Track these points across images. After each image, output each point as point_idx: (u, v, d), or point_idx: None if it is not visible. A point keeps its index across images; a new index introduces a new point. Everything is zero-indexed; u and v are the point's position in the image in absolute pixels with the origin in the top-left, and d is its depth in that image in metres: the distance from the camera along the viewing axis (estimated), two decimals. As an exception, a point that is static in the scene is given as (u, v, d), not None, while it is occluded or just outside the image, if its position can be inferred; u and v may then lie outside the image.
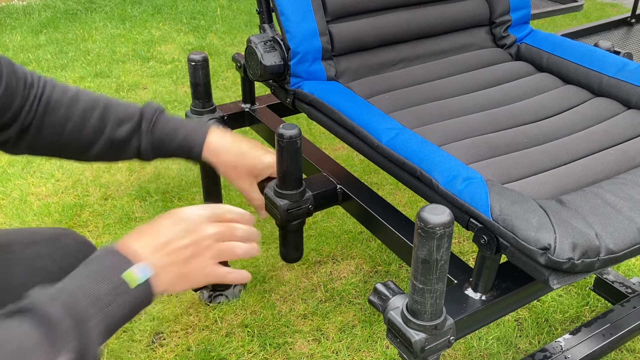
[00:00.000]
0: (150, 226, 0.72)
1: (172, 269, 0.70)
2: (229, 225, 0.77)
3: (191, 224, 0.73)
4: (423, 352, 0.72)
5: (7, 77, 0.87)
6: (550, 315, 1.53)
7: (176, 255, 0.70)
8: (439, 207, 0.65)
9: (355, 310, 1.54)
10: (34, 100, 0.92)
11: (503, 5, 1.35)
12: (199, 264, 0.72)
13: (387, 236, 0.99)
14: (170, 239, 0.70)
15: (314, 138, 2.37)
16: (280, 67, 1.16)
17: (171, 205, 1.94)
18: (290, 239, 1.06)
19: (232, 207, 0.79)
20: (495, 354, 1.43)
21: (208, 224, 0.74)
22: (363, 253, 1.75)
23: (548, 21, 3.62)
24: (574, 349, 1.01)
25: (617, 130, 1.03)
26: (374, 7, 1.25)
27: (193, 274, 0.72)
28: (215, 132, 1.00)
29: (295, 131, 0.92)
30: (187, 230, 0.72)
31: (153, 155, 1.00)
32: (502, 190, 0.81)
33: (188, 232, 0.72)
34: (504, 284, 0.85)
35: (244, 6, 3.94)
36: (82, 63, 3.04)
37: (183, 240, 0.71)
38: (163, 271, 0.68)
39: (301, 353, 1.43)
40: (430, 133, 1.00)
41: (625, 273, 1.69)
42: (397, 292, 0.77)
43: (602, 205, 0.80)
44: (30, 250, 0.95)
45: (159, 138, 0.98)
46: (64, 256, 0.96)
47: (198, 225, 0.73)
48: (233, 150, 1.00)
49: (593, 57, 1.19)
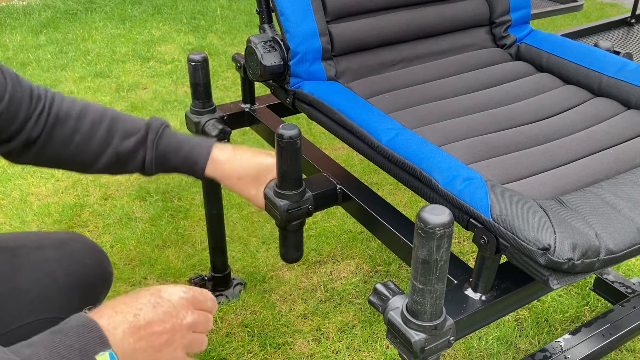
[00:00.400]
0: (131, 301, 0.67)
1: (142, 355, 0.65)
2: (206, 315, 0.73)
3: (172, 308, 0.68)
4: (423, 353, 0.72)
5: (12, 88, 0.87)
6: (550, 315, 1.53)
7: (150, 340, 0.66)
8: (438, 208, 0.65)
9: (355, 310, 1.54)
10: (42, 112, 0.91)
11: (503, 5, 1.35)
12: (170, 353, 0.68)
13: (387, 236, 0.99)
14: (148, 322, 0.66)
15: (314, 138, 2.37)
16: (280, 67, 1.16)
17: (171, 205, 1.94)
18: (290, 239, 1.06)
19: (211, 295, 0.75)
20: (495, 354, 1.43)
21: (188, 311, 0.70)
22: (363, 253, 1.75)
23: (548, 21, 3.62)
24: (574, 349, 1.01)
25: (617, 131, 1.03)
26: (374, 7, 1.25)
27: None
28: (217, 147, 1.00)
29: (295, 131, 0.92)
30: (167, 314, 0.68)
31: (156, 169, 0.99)
32: (502, 190, 0.81)
33: (167, 317, 0.67)
34: (504, 284, 0.85)
35: (244, 6, 3.94)
36: (82, 63, 3.04)
37: (160, 325, 0.66)
38: (132, 355, 0.64)
39: (301, 353, 1.43)
40: (430, 133, 1.00)
41: (625, 273, 1.69)
42: (397, 293, 0.77)
43: (602, 205, 0.80)
44: (38, 254, 0.94)
45: (163, 151, 0.98)
46: (71, 261, 0.96)
47: (179, 310, 0.69)
48: (236, 162, 0.99)
49: (593, 57, 1.19)
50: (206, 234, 1.56)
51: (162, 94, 2.73)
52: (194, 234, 1.82)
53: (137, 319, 0.65)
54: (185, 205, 1.95)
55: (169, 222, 1.88)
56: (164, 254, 1.74)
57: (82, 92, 2.72)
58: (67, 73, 2.93)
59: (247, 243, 1.79)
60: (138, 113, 2.54)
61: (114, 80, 2.86)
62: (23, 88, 0.90)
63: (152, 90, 2.77)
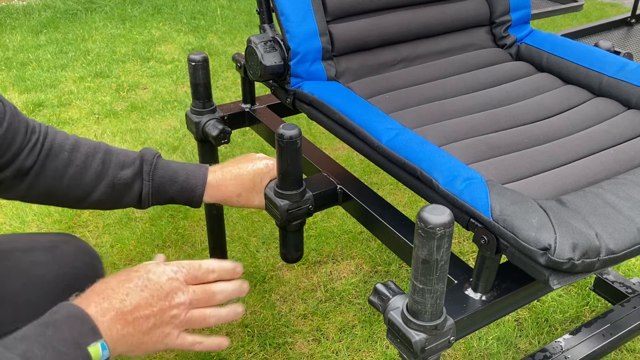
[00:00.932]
0: (118, 285, 0.67)
1: (130, 339, 0.65)
2: (206, 289, 0.71)
3: (160, 289, 0.67)
4: (423, 353, 0.72)
5: (10, 117, 0.87)
6: (550, 315, 1.53)
7: (138, 324, 0.65)
8: (439, 207, 0.65)
9: (355, 310, 1.54)
10: (36, 143, 0.90)
11: (503, 5, 1.35)
12: (161, 334, 0.67)
13: (387, 236, 0.99)
14: (135, 306, 0.65)
15: (314, 138, 2.37)
16: (281, 67, 1.16)
17: (171, 205, 1.94)
18: (290, 239, 1.06)
19: (217, 264, 0.73)
20: (495, 354, 1.43)
21: (180, 290, 0.69)
22: (363, 253, 1.75)
23: (548, 21, 3.62)
24: (574, 349, 1.01)
25: (617, 130, 1.03)
26: (374, 7, 1.25)
27: (152, 344, 0.68)
28: (211, 171, 0.99)
29: (295, 131, 0.92)
30: (155, 297, 0.67)
31: (152, 200, 0.98)
32: (502, 190, 0.81)
33: (155, 299, 0.66)
34: (504, 284, 0.85)
35: (244, 6, 3.94)
36: (82, 63, 3.04)
37: (147, 309, 0.66)
38: (121, 340, 0.64)
39: (301, 353, 1.43)
40: (431, 133, 1.00)
41: (625, 273, 1.69)
42: (397, 292, 0.77)
43: (603, 205, 0.80)
44: (28, 257, 0.93)
45: (160, 182, 0.97)
46: (61, 264, 0.94)
47: (168, 291, 0.68)
48: (228, 181, 0.99)
49: (593, 57, 1.19)
50: (206, 234, 1.56)
51: (162, 94, 2.73)
52: (194, 234, 1.82)
53: (123, 305, 0.65)
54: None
55: (169, 222, 1.88)
56: (164, 254, 1.74)
57: (82, 92, 2.73)
58: (67, 73, 2.93)
59: (247, 243, 1.79)
60: (138, 113, 2.54)
61: (114, 80, 2.86)
62: (20, 118, 0.89)
63: (152, 90, 2.77)
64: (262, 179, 1.00)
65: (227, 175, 0.99)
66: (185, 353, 1.41)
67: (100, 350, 0.62)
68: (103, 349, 0.62)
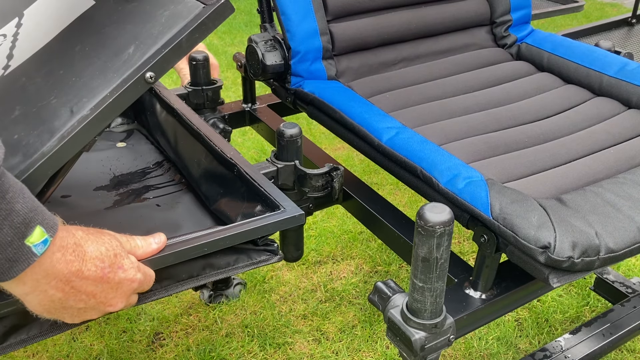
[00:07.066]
0: (97, 256, 0.62)
1: (54, 291, 0.61)
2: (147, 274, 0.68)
3: (115, 285, 0.65)
4: (423, 351, 0.72)
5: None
6: (550, 315, 1.53)
7: (68, 293, 0.61)
8: (439, 206, 0.65)
9: (355, 310, 1.54)
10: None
11: (504, 5, 1.35)
12: (75, 310, 0.64)
13: (388, 235, 0.99)
14: (84, 281, 0.61)
15: (314, 138, 2.37)
16: (281, 66, 1.17)
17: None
18: (291, 238, 1.06)
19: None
20: (495, 354, 1.43)
21: (123, 298, 0.67)
22: (363, 253, 1.75)
23: (548, 21, 3.62)
24: (574, 348, 1.01)
25: (617, 130, 1.03)
26: (374, 6, 1.25)
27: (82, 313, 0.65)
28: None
29: (295, 130, 0.92)
30: (105, 291, 0.64)
31: None
32: (502, 189, 0.81)
33: (103, 293, 0.64)
34: (504, 283, 0.85)
35: (244, 6, 3.94)
36: (82, 63, 3.04)
37: (89, 294, 0.63)
38: (47, 281, 0.59)
39: (301, 353, 1.43)
40: (431, 132, 1.00)
41: (625, 273, 1.68)
42: (397, 291, 0.77)
43: (602, 204, 0.80)
44: None
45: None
46: None
47: (117, 293, 0.65)
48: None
49: (594, 57, 1.19)
50: (206, 233, 1.56)
51: (162, 94, 2.74)
52: (194, 234, 1.82)
53: (79, 272, 0.61)
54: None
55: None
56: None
57: (82, 92, 2.72)
58: (68, 73, 2.93)
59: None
60: (138, 113, 2.54)
61: (115, 80, 2.86)
62: None
63: (152, 90, 2.77)
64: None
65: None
66: (185, 353, 1.41)
67: (40, 240, 0.56)
68: (45, 243, 0.56)
